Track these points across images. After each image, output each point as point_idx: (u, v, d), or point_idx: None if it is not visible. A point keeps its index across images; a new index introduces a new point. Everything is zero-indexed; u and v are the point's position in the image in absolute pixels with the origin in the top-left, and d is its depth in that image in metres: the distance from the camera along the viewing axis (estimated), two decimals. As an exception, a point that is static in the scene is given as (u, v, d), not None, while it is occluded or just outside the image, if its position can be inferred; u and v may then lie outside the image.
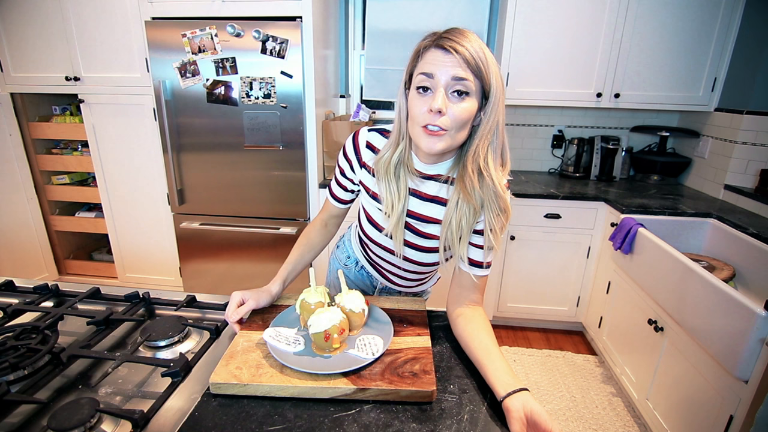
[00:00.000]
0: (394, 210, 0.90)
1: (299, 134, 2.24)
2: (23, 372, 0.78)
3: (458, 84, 0.75)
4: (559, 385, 2.12)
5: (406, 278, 1.10)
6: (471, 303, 0.92)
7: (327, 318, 0.79)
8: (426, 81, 0.76)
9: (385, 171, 0.89)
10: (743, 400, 1.29)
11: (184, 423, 0.68)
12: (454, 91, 0.76)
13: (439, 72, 0.75)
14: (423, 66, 0.77)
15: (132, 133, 2.45)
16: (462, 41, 0.74)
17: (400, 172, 0.90)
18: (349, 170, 0.98)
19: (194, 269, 2.58)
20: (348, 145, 0.97)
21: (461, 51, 0.73)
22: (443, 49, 0.75)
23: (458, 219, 0.86)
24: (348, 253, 1.21)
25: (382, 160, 0.89)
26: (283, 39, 2.09)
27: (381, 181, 0.91)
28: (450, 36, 0.75)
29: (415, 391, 0.72)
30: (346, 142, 0.98)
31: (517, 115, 2.74)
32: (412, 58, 0.82)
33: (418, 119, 0.79)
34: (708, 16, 2.18)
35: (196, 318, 1.01)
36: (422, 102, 0.77)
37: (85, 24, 2.28)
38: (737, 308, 1.29)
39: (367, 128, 0.96)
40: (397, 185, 0.90)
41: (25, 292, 1.10)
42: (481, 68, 0.75)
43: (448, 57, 0.74)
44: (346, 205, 1.07)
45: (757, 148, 2.11)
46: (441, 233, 0.90)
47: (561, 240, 2.34)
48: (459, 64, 0.74)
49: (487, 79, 0.76)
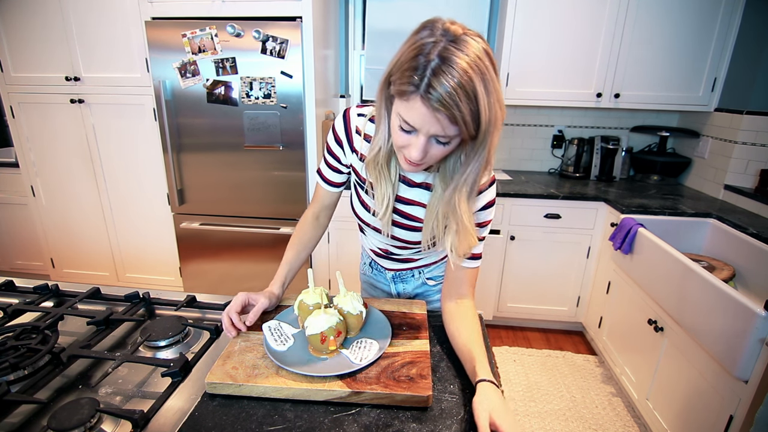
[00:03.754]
0: (387, 199, 0.90)
1: (299, 134, 2.24)
2: (23, 372, 0.79)
3: (442, 137, 0.70)
4: (559, 385, 2.12)
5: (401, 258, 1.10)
6: (460, 297, 0.93)
7: (324, 320, 0.79)
8: (409, 127, 0.71)
9: (376, 166, 0.86)
10: (743, 400, 1.29)
11: (184, 423, 0.68)
12: (437, 140, 0.71)
13: (421, 127, 0.69)
14: (405, 113, 0.69)
15: (132, 133, 2.45)
16: (450, 96, 0.63)
17: (391, 163, 0.88)
18: (341, 152, 0.95)
19: (194, 269, 2.58)
20: (339, 127, 0.93)
21: (447, 113, 0.65)
22: (428, 105, 0.65)
23: (444, 210, 0.85)
24: (364, 260, 1.23)
25: (371, 156, 0.85)
26: (283, 39, 2.09)
27: (372, 178, 0.89)
28: (436, 88, 0.63)
29: (410, 395, 0.72)
30: (335, 123, 0.94)
31: (517, 115, 2.74)
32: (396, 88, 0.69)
33: (398, 146, 0.76)
34: (708, 16, 2.17)
35: (196, 318, 1.01)
36: (403, 138, 0.73)
37: (85, 24, 2.28)
38: (737, 308, 1.29)
39: (357, 111, 0.92)
40: (389, 175, 0.88)
41: (25, 292, 1.10)
42: (469, 119, 0.66)
43: (435, 117, 0.66)
44: (338, 188, 1.04)
45: (757, 148, 2.11)
46: (426, 220, 0.90)
47: (561, 240, 2.34)
48: (444, 124, 0.67)
49: (474, 126, 0.68)
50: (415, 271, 1.15)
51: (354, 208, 1.03)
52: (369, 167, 0.87)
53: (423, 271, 1.15)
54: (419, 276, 1.15)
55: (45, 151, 2.57)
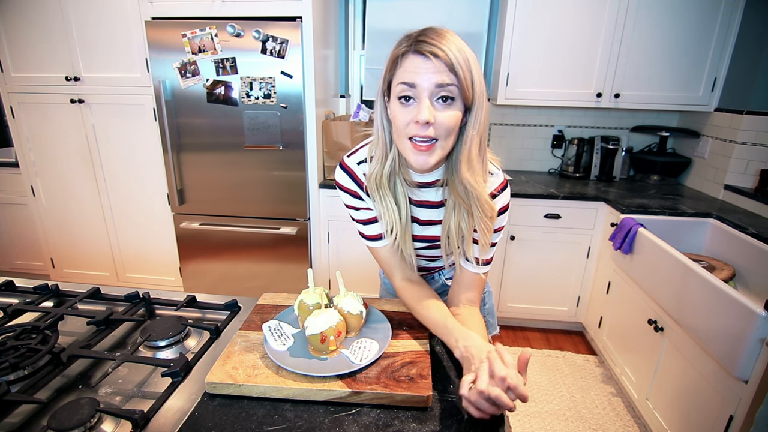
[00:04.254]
0: (397, 223, 0.87)
1: (299, 134, 2.24)
2: (23, 372, 0.78)
3: (442, 90, 0.71)
4: (559, 385, 2.12)
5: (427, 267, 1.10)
6: (467, 302, 0.93)
7: (324, 320, 0.79)
8: (408, 90, 0.72)
9: (378, 186, 0.84)
10: (743, 400, 1.29)
11: (184, 423, 0.68)
12: (439, 98, 0.72)
13: (421, 80, 0.71)
14: (402, 74, 0.72)
15: (132, 133, 2.45)
16: (441, 44, 0.69)
17: (396, 183, 0.86)
18: (364, 202, 0.91)
19: (194, 269, 2.58)
20: (346, 182, 0.90)
21: (442, 55, 0.69)
22: (422, 54, 0.70)
23: (457, 222, 0.86)
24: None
25: (373, 175, 0.84)
26: (283, 39, 2.09)
27: (376, 200, 0.86)
28: (427, 39, 0.70)
29: (410, 395, 0.72)
30: (340, 181, 0.91)
31: (517, 115, 2.74)
32: (388, 65, 0.76)
33: (404, 131, 0.75)
34: (708, 16, 2.17)
35: (196, 318, 1.01)
36: (406, 113, 0.73)
37: (85, 24, 2.28)
38: (737, 308, 1.29)
39: (353, 160, 0.90)
40: (395, 197, 0.86)
41: (25, 292, 1.10)
42: (464, 70, 0.70)
43: (429, 63, 0.70)
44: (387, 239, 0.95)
45: (757, 148, 2.11)
46: (441, 236, 0.90)
47: (561, 240, 2.34)
48: (441, 70, 0.70)
49: (470, 80, 0.72)
50: (435, 274, 1.15)
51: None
52: (370, 185, 0.86)
53: (443, 273, 1.16)
54: (439, 278, 1.16)
55: (45, 151, 2.58)
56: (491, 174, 0.86)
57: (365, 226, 0.95)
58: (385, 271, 0.99)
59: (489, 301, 1.23)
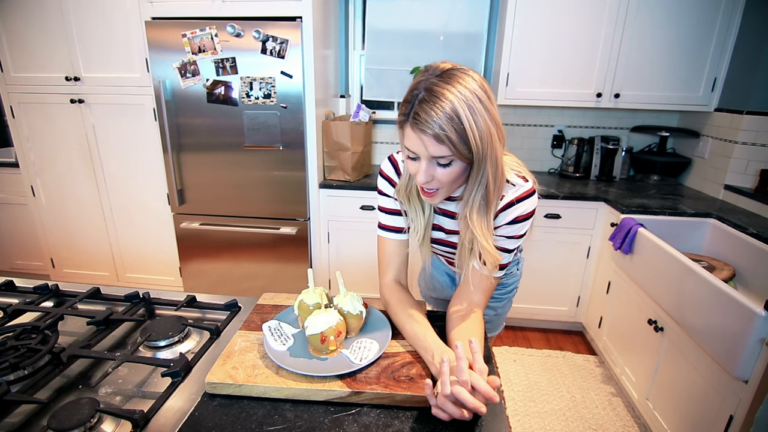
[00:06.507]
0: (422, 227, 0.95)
1: (299, 134, 2.24)
2: (23, 372, 0.79)
3: (438, 159, 0.76)
4: (559, 385, 2.12)
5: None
6: (471, 304, 0.92)
7: (323, 320, 0.79)
8: (411, 153, 0.79)
9: (407, 196, 0.93)
10: (743, 400, 1.29)
11: (184, 423, 0.68)
12: (438, 162, 0.77)
13: (418, 151, 0.77)
14: (405, 141, 0.79)
15: (132, 133, 2.45)
16: (432, 118, 0.71)
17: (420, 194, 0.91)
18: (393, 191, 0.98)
19: (194, 269, 2.58)
20: (389, 170, 0.99)
21: (431, 133, 0.72)
22: (416, 129, 0.74)
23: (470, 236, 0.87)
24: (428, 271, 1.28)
25: (402, 186, 0.93)
26: (283, 39, 2.09)
27: (406, 205, 0.95)
28: (420, 113, 0.73)
29: (410, 395, 0.72)
30: (383, 168, 1.00)
31: (517, 115, 2.74)
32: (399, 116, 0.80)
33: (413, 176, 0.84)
34: (708, 16, 2.17)
35: (196, 318, 1.02)
36: (413, 166, 0.81)
37: (85, 24, 2.28)
38: (737, 308, 1.29)
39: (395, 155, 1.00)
40: (421, 205, 0.94)
41: (25, 292, 1.10)
42: (456, 139, 0.73)
43: (423, 138, 0.74)
44: (404, 235, 1.01)
45: (757, 148, 2.11)
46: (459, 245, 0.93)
47: (561, 240, 2.34)
48: (433, 144, 0.74)
49: (465, 144, 0.74)
50: None
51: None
52: (400, 194, 0.94)
53: None
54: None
55: (45, 151, 2.58)
56: (513, 185, 0.88)
57: (387, 216, 1.01)
58: (382, 264, 1.03)
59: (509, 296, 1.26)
